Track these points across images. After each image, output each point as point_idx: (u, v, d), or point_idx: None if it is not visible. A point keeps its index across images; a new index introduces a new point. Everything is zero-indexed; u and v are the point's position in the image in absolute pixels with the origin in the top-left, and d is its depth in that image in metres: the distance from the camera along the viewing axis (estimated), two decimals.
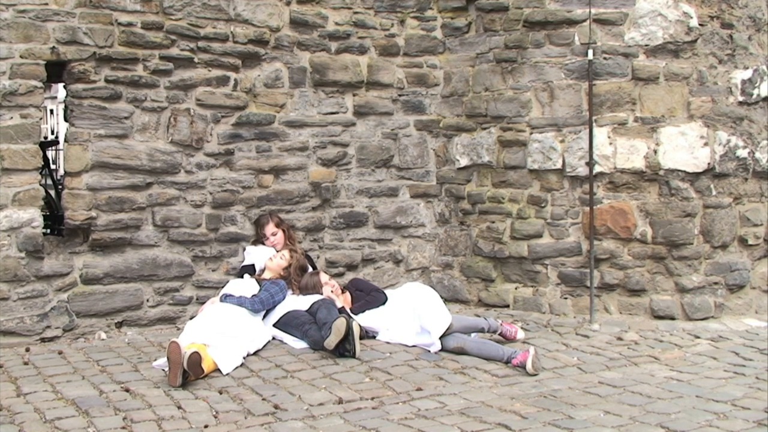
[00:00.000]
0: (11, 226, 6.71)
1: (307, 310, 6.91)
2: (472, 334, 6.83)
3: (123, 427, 5.04)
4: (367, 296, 7.28)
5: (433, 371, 6.26)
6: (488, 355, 6.53)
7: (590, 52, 7.64)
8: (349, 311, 7.00)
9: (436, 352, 6.58)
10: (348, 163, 8.20)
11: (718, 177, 7.69)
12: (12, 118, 6.71)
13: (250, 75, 7.72)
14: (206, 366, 5.90)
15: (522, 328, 7.30)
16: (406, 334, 6.83)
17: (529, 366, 6.21)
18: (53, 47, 6.84)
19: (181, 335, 6.33)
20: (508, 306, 8.15)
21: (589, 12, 7.67)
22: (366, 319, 6.97)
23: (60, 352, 6.58)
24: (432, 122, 8.54)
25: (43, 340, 6.83)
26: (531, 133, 7.99)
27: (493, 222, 8.23)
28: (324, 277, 7.33)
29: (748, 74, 7.83)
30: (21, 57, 6.72)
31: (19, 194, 6.74)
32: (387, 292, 7.36)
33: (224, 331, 6.34)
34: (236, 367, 6.16)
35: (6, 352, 6.54)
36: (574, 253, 7.86)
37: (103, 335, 7.07)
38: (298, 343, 6.78)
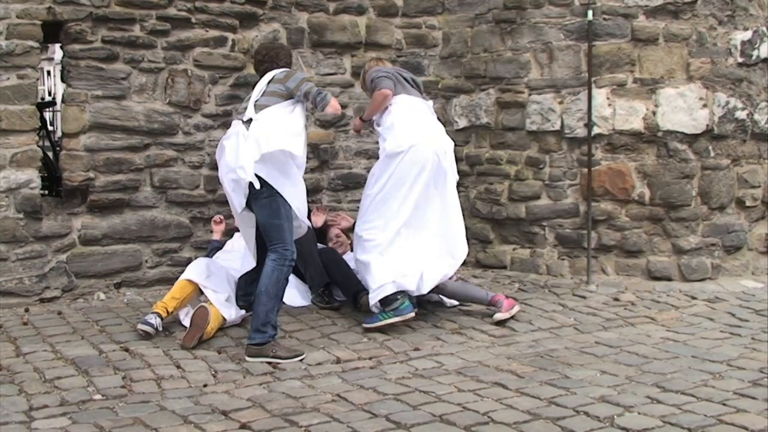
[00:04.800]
0: (9, 187, 6.71)
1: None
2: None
3: (123, 386, 5.08)
4: None
5: (430, 331, 6.30)
6: (468, 296, 6.67)
7: (590, 12, 7.60)
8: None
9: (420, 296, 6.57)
10: (346, 125, 8.18)
11: (716, 139, 7.68)
12: (9, 78, 6.69)
13: (248, 36, 7.68)
14: (212, 325, 5.94)
15: (519, 288, 7.35)
16: None
17: (498, 316, 6.38)
18: (49, 7, 6.80)
19: (188, 270, 6.37)
20: (505, 267, 8.18)
21: None
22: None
23: (59, 313, 6.61)
24: (430, 83, 8.49)
25: (42, 300, 6.86)
26: (530, 95, 7.96)
27: (491, 184, 8.23)
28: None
29: (747, 35, 7.79)
30: (17, 17, 6.68)
31: (16, 155, 6.73)
32: None
33: (228, 279, 6.44)
34: (242, 316, 6.27)
35: (5, 312, 6.57)
36: (572, 215, 7.87)
37: (102, 296, 7.09)
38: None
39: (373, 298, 6.28)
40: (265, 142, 5.78)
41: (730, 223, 7.81)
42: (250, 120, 5.93)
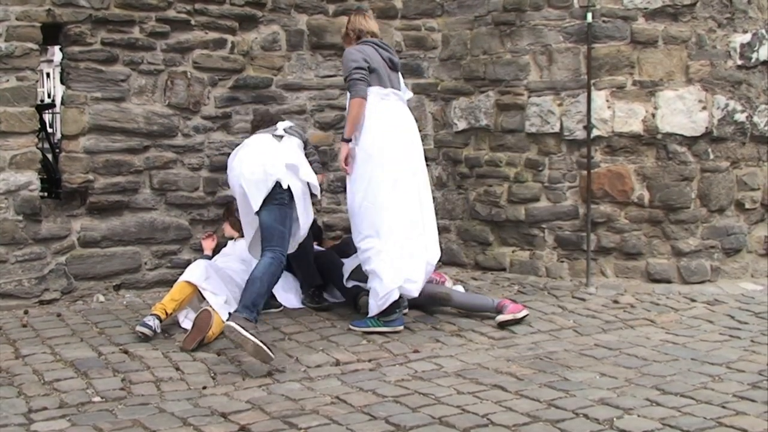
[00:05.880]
0: (8, 189, 6.71)
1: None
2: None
3: (122, 388, 5.08)
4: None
5: (429, 333, 6.30)
6: (475, 305, 6.62)
7: (589, 15, 7.60)
8: None
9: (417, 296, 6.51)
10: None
11: (715, 141, 7.68)
12: (8, 80, 6.69)
13: (248, 38, 7.68)
14: (213, 330, 5.93)
15: (519, 291, 7.37)
16: None
17: (500, 317, 6.39)
18: (49, 9, 6.80)
19: (187, 272, 6.35)
20: (504, 269, 8.17)
21: None
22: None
23: (58, 315, 6.61)
24: (430, 86, 8.51)
25: (41, 302, 6.85)
26: (529, 97, 7.96)
27: (491, 186, 8.23)
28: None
29: (747, 38, 7.79)
30: (17, 19, 6.68)
31: (16, 157, 6.73)
32: None
33: (227, 281, 6.44)
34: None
35: (4, 314, 6.57)
36: (571, 217, 7.87)
37: (102, 298, 7.09)
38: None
39: (381, 306, 6.23)
40: (297, 158, 6.30)
41: (729, 225, 7.81)
42: (280, 137, 6.41)
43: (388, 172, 6.34)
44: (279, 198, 6.09)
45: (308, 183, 6.31)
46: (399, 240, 6.31)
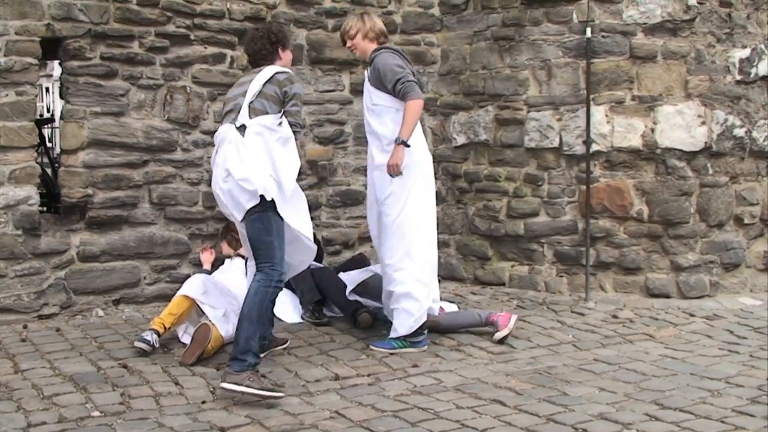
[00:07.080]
0: (8, 204, 6.71)
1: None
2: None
3: (121, 403, 5.06)
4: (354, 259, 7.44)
5: (429, 348, 6.28)
6: (463, 324, 6.61)
7: (588, 30, 7.62)
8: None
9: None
10: (345, 141, 8.20)
11: (714, 156, 7.69)
12: (7, 95, 6.69)
13: None
14: (212, 344, 5.91)
15: (518, 305, 7.36)
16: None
17: (498, 335, 6.34)
18: (48, 24, 6.82)
19: (185, 286, 6.29)
20: (503, 284, 8.17)
21: None
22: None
23: (57, 329, 6.59)
24: (429, 100, 8.50)
25: (40, 317, 6.84)
26: (528, 112, 7.98)
27: (490, 200, 8.24)
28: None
29: (746, 53, 7.82)
30: (16, 34, 6.69)
31: (15, 172, 6.73)
32: None
33: (225, 294, 6.40)
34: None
35: (3, 329, 6.55)
36: (570, 232, 7.87)
37: (101, 312, 7.08)
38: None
39: (413, 327, 6.16)
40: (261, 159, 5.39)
41: (728, 240, 7.82)
42: (243, 126, 5.43)
43: (423, 189, 6.26)
44: (253, 207, 5.35)
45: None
46: (428, 259, 6.30)
